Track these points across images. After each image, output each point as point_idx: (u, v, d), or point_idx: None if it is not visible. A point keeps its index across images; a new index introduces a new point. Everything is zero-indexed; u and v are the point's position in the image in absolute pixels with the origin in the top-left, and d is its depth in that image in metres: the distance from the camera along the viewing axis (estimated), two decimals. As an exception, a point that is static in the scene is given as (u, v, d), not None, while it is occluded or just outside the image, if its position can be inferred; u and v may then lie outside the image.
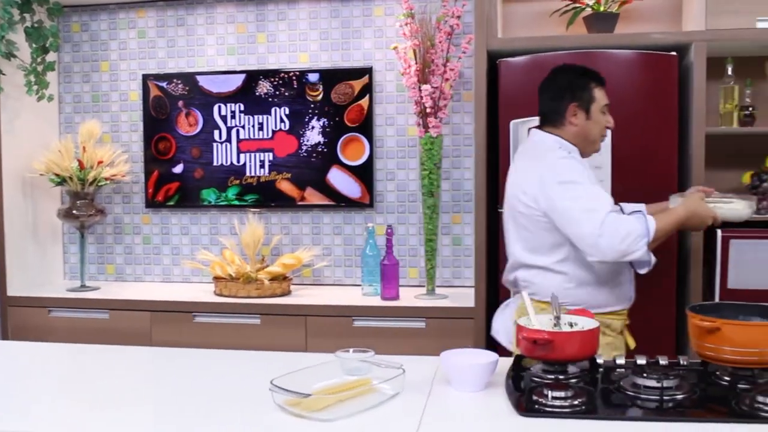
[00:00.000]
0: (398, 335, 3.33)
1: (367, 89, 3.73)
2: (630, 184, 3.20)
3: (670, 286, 3.24)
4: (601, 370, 2.08)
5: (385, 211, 3.81)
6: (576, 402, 1.80)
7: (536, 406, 1.80)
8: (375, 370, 2.04)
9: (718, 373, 2.02)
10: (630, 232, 2.39)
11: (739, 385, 1.90)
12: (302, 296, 3.57)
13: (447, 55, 3.43)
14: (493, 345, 3.31)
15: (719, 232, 3.23)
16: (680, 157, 3.27)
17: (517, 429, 1.72)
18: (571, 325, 2.13)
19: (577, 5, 3.40)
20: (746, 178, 3.34)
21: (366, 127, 3.75)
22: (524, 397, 1.86)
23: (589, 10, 3.40)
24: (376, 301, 3.47)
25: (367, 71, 3.73)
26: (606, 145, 3.18)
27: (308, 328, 3.39)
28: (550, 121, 2.67)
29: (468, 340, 3.32)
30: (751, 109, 3.33)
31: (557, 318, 2.14)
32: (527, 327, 2.05)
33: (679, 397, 1.88)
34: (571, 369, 2.03)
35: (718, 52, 3.29)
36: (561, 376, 2.00)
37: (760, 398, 1.79)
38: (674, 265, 3.24)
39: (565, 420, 1.75)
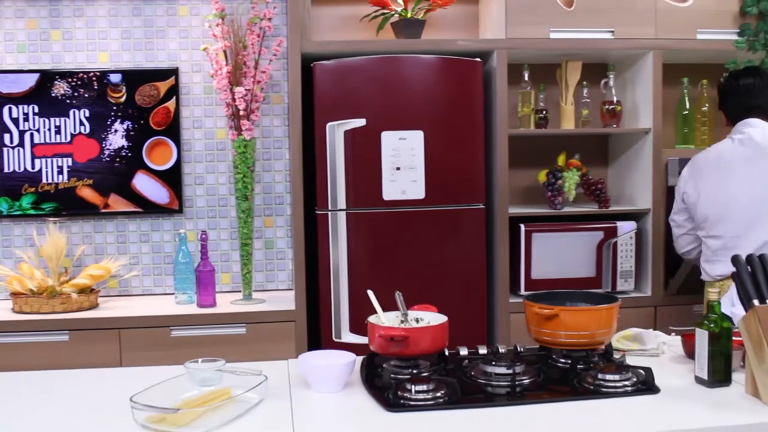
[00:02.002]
0: (219, 342, 3.24)
1: (174, 91, 3.59)
2: (442, 185, 3.36)
3: (481, 278, 3.43)
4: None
5: (195, 216, 3.69)
6: (438, 394, 1.87)
7: (401, 401, 1.85)
8: (230, 378, 1.98)
9: (554, 356, 2.17)
10: None
11: (579, 366, 2.06)
12: (112, 308, 3.37)
13: (258, 57, 3.39)
14: (315, 345, 3.34)
15: (522, 227, 3.47)
16: (487, 157, 3.47)
17: (390, 424, 1.75)
18: (417, 320, 2.19)
19: (386, 11, 3.50)
20: (542, 176, 3.61)
21: (173, 130, 3.61)
22: (389, 393, 1.89)
23: (396, 16, 3.51)
24: (193, 309, 3.35)
25: (173, 72, 3.60)
26: (419, 146, 3.32)
27: (122, 341, 3.21)
28: None
29: (290, 343, 3.30)
30: (545, 112, 3.61)
31: (404, 315, 2.20)
32: (381, 325, 2.09)
33: (527, 381, 2.00)
34: (422, 363, 2.10)
35: (517, 59, 3.52)
36: (415, 371, 2.06)
37: (600, 376, 1.95)
38: (483, 258, 3.43)
39: (432, 412, 1.81)
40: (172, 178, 3.62)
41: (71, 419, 1.81)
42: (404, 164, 3.33)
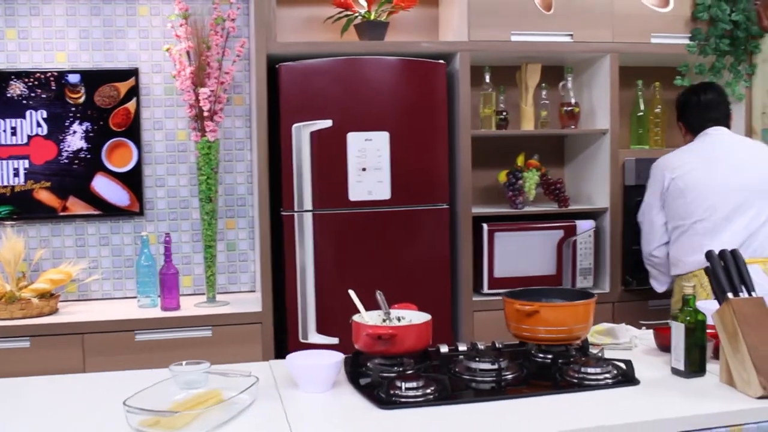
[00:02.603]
0: (184, 346, 3.21)
1: (134, 92, 3.55)
2: (407, 185, 3.39)
3: (445, 277, 3.47)
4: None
5: (156, 218, 3.65)
6: (428, 391, 1.90)
7: (393, 399, 1.87)
8: (216, 380, 1.98)
9: (534, 351, 2.22)
10: None
11: (560, 361, 2.11)
12: (73, 313, 3.31)
13: (222, 58, 3.37)
14: (282, 347, 3.33)
15: (485, 226, 3.53)
16: (450, 158, 3.51)
17: (384, 421, 1.78)
18: (399, 319, 2.22)
19: (349, 13, 3.52)
20: (502, 176, 3.67)
21: (133, 131, 3.56)
22: (379, 390, 1.91)
23: (360, 18, 3.53)
24: (157, 313, 3.31)
25: (133, 73, 3.55)
26: (384, 147, 3.35)
27: (86, 346, 3.15)
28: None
29: (257, 345, 3.29)
30: (505, 113, 3.67)
31: (387, 313, 2.22)
32: (366, 324, 2.11)
33: (510, 376, 2.05)
34: (406, 360, 2.13)
35: (478, 61, 3.58)
36: (401, 368, 2.09)
37: (583, 369, 2.01)
38: (447, 257, 3.47)
39: (424, 408, 1.84)
40: (132, 180, 3.57)
41: (64, 425, 1.79)
42: (370, 165, 3.35)
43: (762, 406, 1.80)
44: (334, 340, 3.28)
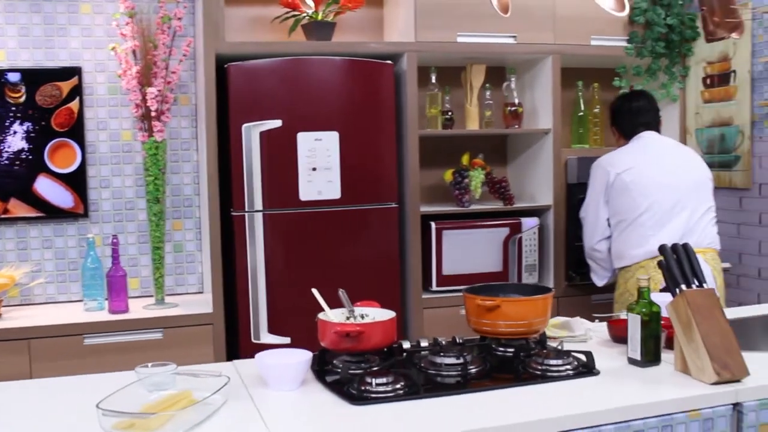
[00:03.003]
0: (135, 349, 3.17)
1: (77, 91, 3.48)
2: (357, 184, 3.42)
3: (394, 275, 3.51)
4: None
5: (101, 220, 3.58)
6: (398, 386, 1.93)
7: (365, 394, 1.90)
8: (185, 381, 1.97)
9: (494, 345, 2.28)
10: None
11: (522, 354, 2.17)
12: (17, 318, 3.23)
13: (169, 57, 3.34)
14: (233, 348, 3.32)
15: (433, 225, 3.58)
16: (398, 158, 3.56)
17: (357, 416, 1.80)
18: (362, 316, 2.24)
19: (297, 13, 3.53)
20: (448, 175, 3.73)
21: (76, 131, 3.49)
22: (349, 387, 1.94)
23: (307, 19, 3.53)
24: (105, 316, 3.26)
25: (76, 72, 3.48)
26: (334, 147, 3.37)
27: (32, 352, 3.08)
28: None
29: (208, 347, 3.28)
30: (450, 113, 3.73)
31: (351, 311, 2.24)
32: (333, 321, 2.13)
33: (474, 370, 2.10)
34: (371, 357, 2.15)
35: (424, 62, 3.63)
36: (366, 365, 2.11)
37: (545, 361, 2.08)
38: (397, 256, 3.51)
39: (394, 403, 1.87)
40: (76, 181, 3.50)
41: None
42: (320, 165, 3.36)
43: (717, 392, 1.89)
44: (286, 340, 3.28)
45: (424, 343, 2.31)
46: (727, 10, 2.15)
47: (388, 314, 2.19)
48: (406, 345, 2.30)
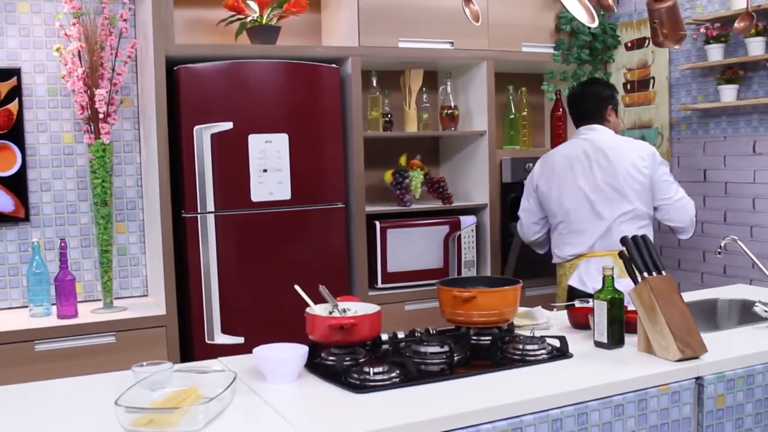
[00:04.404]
0: (88, 353, 3.15)
1: (16, 92, 3.41)
2: (306, 185, 3.50)
3: (343, 273, 3.61)
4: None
5: (42, 224, 3.52)
6: (393, 374, 2.04)
7: (365, 383, 2.00)
8: (184, 378, 2.01)
9: (470, 333, 2.42)
10: None
11: (499, 342, 2.31)
12: (-39, 326, 3.15)
13: (115, 59, 3.33)
14: (187, 349, 3.33)
15: (378, 224, 3.70)
16: (344, 159, 3.65)
17: (364, 403, 1.90)
18: (344, 310, 2.33)
19: (242, 17, 3.57)
20: (388, 176, 3.86)
21: (16, 134, 3.42)
22: (346, 377, 2.03)
23: (252, 22, 3.58)
24: (53, 321, 3.21)
25: (15, 72, 3.41)
26: (284, 149, 3.44)
27: (-19, 360, 3.02)
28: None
29: (162, 349, 3.28)
30: (390, 116, 3.86)
31: (335, 306, 2.33)
32: (324, 316, 2.22)
33: (457, 357, 2.23)
34: (359, 349, 2.25)
35: (366, 66, 3.74)
36: (353, 356, 2.21)
37: (523, 347, 2.23)
38: (344, 254, 3.61)
39: (392, 390, 1.98)
40: (16, 184, 3.43)
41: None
42: (271, 166, 3.43)
43: (681, 368, 2.10)
44: (240, 340, 3.32)
45: (400, 335, 2.42)
46: (675, 23, 2.37)
47: (371, 308, 2.29)
48: (384, 337, 2.41)
